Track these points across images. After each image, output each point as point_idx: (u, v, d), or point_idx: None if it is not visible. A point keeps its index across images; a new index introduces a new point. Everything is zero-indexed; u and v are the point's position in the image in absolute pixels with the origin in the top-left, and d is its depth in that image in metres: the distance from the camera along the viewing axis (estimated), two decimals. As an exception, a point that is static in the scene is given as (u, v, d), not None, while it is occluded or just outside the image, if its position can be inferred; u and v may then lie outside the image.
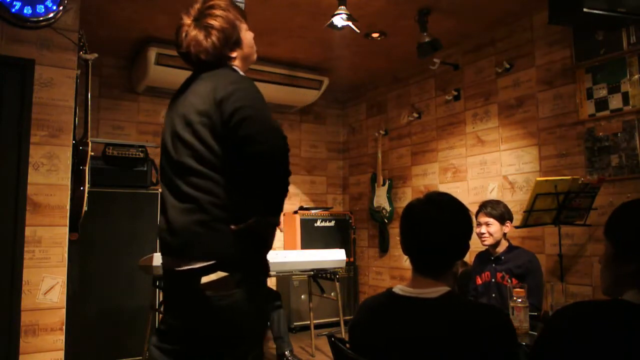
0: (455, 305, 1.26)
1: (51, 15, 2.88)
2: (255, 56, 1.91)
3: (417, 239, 1.34)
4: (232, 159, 1.59)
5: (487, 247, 2.98)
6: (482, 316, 1.22)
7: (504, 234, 2.96)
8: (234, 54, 1.76)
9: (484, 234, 2.92)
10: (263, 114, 1.59)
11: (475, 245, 3.21)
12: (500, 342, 1.17)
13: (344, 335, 3.87)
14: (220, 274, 1.53)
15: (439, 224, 1.31)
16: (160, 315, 1.71)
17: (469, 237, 1.36)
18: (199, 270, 1.54)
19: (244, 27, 1.81)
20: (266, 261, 1.68)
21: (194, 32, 1.66)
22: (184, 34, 1.67)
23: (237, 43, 1.76)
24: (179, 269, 1.58)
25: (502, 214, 2.93)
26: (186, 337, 1.63)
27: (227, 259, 1.55)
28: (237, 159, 1.58)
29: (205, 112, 1.59)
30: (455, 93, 4.60)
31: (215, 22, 1.66)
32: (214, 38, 1.65)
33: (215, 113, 1.57)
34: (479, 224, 2.95)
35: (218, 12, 1.68)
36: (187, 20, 1.68)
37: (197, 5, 1.70)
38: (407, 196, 5.12)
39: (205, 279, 1.53)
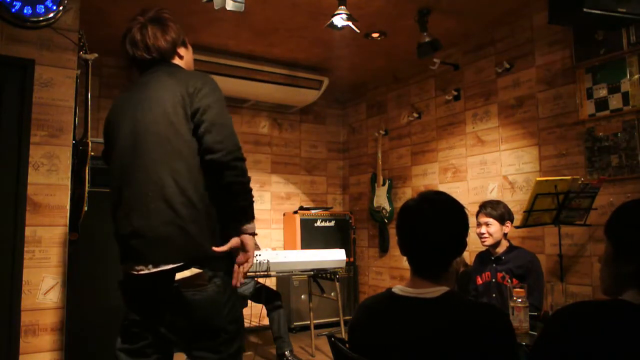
0: (455, 305, 1.26)
1: (51, 15, 2.88)
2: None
3: (414, 238, 1.34)
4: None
5: (487, 247, 2.98)
6: (482, 316, 1.22)
7: (504, 234, 2.96)
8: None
9: (483, 234, 2.92)
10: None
11: (476, 245, 3.22)
12: (500, 342, 1.17)
13: (344, 335, 3.87)
14: (193, 270, 1.59)
15: (434, 222, 1.31)
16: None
17: (466, 235, 1.36)
18: (172, 270, 1.58)
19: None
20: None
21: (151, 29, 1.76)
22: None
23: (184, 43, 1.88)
24: (152, 271, 1.61)
25: (502, 214, 2.93)
26: (169, 333, 1.68)
27: (198, 257, 1.61)
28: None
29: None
30: (455, 93, 4.60)
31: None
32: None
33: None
34: (479, 224, 2.95)
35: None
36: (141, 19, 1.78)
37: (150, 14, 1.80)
38: (407, 196, 5.12)
39: (179, 275, 1.58)
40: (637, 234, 1.03)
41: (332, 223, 5.51)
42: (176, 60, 1.83)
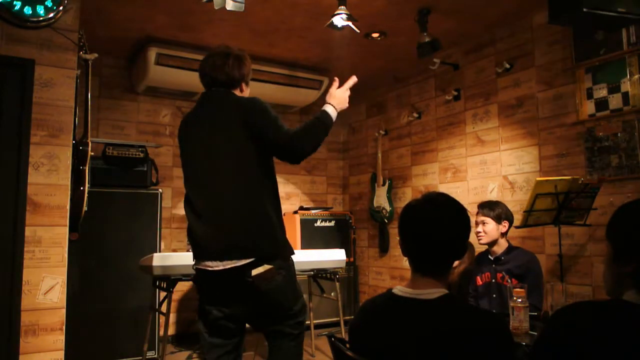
0: (453, 308, 1.26)
1: (51, 15, 2.88)
2: None
3: (416, 239, 1.34)
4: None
5: (484, 245, 3.00)
6: (479, 321, 1.22)
7: (503, 234, 2.97)
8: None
9: (479, 232, 2.97)
10: None
11: (476, 246, 3.22)
12: (496, 348, 1.17)
13: (344, 335, 3.87)
14: (266, 267, 1.95)
15: (437, 223, 1.32)
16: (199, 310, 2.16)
17: (467, 237, 1.37)
18: (247, 265, 1.95)
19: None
20: (291, 247, 2.15)
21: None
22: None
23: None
24: (227, 267, 1.96)
25: (499, 214, 2.95)
26: (245, 319, 2.10)
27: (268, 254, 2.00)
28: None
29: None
30: (455, 93, 4.60)
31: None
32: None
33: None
34: (477, 223, 2.98)
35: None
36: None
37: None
38: (407, 196, 5.12)
39: (254, 272, 1.93)
40: (634, 235, 1.03)
41: (332, 223, 5.51)
42: (237, 92, 2.20)
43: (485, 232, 2.95)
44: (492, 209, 2.97)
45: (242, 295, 2.00)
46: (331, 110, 2.17)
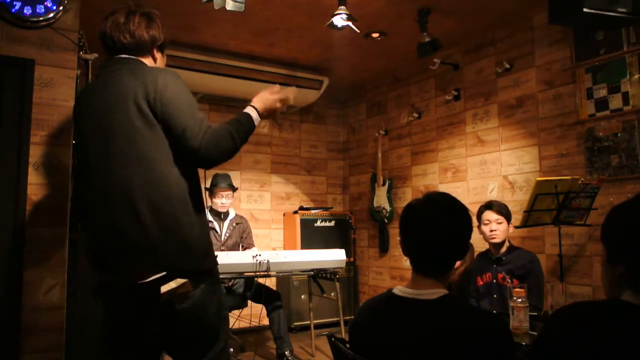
0: (453, 309, 1.26)
1: (51, 15, 2.88)
2: None
3: (418, 239, 1.34)
4: None
5: (494, 244, 2.97)
6: (480, 321, 1.22)
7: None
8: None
9: (494, 230, 2.93)
10: None
11: (477, 246, 3.21)
12: (496, 348, 1.17)
13: (344, 335, 3.87)
14: (179, 281, 1.56)
15: (439, 223, 1.32)
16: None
17: (469, 237, 1.37)
18: (157, 280, 1.55)
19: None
20: (213, 253, 1.72)
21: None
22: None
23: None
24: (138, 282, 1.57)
25: (509, 213, 2.97)
26: (157, 343, 1.68)
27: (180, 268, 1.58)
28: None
29: None
30: (455, 93, 4.60)
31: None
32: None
33: None
34: (488, 222, 2.95)
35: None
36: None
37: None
38: (407, 196, 5.12)
39: (164, 288, 1.55)
40: (625, 235, 1.03)
41: (332, 223, 5.51)
42: (147, 59, 1.78)
43: (501, 230, 2.94)
44: (504, 208, 2.99)
45: (153, 318, 1.61)
46: (254, 115, 1.80)
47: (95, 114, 1.66)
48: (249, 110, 1.79)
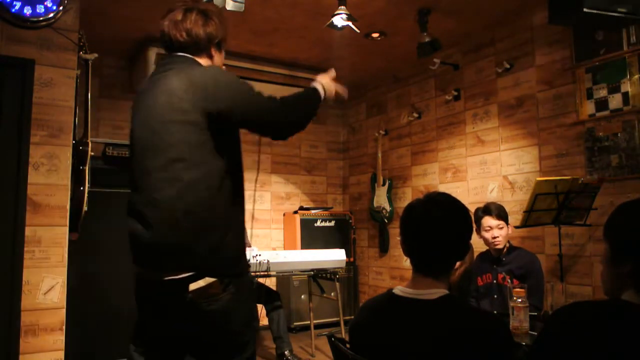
0: (453, 309, 1.26)
1: (51, 15, 2.88)
2: None
3: (418, 238, 1.34)
4: None
5: (498, 249, 2.95)
6: (480, 321, 1.22)
7: None
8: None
9: (496, 237, 2.89)
10: None
11: (476, 247, 3.21)
12: (496, 348, 1.18)
13: (344, 335, 3.87)
14: (208, 280, 1.56)
15: (440, 223, 1.32)
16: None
17: (469, 238, 1.37)
18: (186, 279, 1.56)
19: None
20: (246, 260, 1.73)
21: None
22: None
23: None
24: (165, 278, 1.58)
25: (507, 215, 2.95)
26: (182, 344, 1.68)
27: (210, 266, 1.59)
28: None
29: None
30: (455, 93, 4.60)
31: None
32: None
33: None
34: (489, 228, 2.92)
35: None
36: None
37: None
38: (407, 196, 5.12)
39: (193, 286, 1.55)
40: (631, 234, 1.03)
41: (332, 223, 5.51)
42: (204, 59, 1.77)
43: (503, 236, 2.91)
44: (502, 211, 2.94)
45: (181, 316, 1.62)
46: (321, 90, 1.87)
47: (143, 113, 1.69)
48: (315, 84, 1.88)
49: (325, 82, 1.92)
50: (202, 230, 1.56)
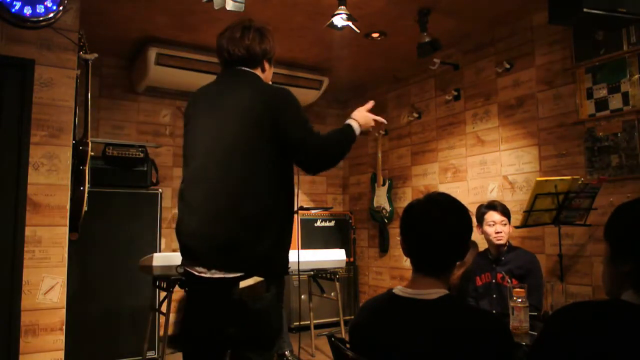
0: (453, 309, 1.26)
1: (51, 15, 2.88)
2: None
3: (418, 239, 1.34)
4: None
5: (496, 245, 2.96)
6: (479, 321, 1.22)
7: None
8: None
9: (500, 232, 2.90)
10: None
11: (480, 246, 3.21)
12: (496, 348, 1.18)
13: (344, 335, 3.87)
14: (256, 279, 1.72)
15: (440, 223, 1.32)
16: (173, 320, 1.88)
17: (469, 238, 1.37)
18: (237, 278, 1.70)
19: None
20: (287, 266, 1.90)
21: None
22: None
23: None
24: (217, 276, 1.72)
25: (510, 214, 2.96)
26: (226, 341, 1.81)
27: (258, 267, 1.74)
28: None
29: None
30: (455, 93, 4.60)
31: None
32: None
33: None
34: (493, 223, 2.93)
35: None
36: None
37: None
38: (407, 196, 5.12)
39: (243, 284, 1.70)
40: (631, 234, 1.03)
41: (332, 223, 5.51)
42: (258, 71, 1.96)
43: (506, 232, 2.92)
44: (506, 209, 2.97)
45: (227, 313, 1.75)
46: (356, 127, 2.02)
47: (210, 119, 1.84)
48: (350, 121, 2.01)
49: (359, 117, 2.05)
50: (261, 232, 1.72)
